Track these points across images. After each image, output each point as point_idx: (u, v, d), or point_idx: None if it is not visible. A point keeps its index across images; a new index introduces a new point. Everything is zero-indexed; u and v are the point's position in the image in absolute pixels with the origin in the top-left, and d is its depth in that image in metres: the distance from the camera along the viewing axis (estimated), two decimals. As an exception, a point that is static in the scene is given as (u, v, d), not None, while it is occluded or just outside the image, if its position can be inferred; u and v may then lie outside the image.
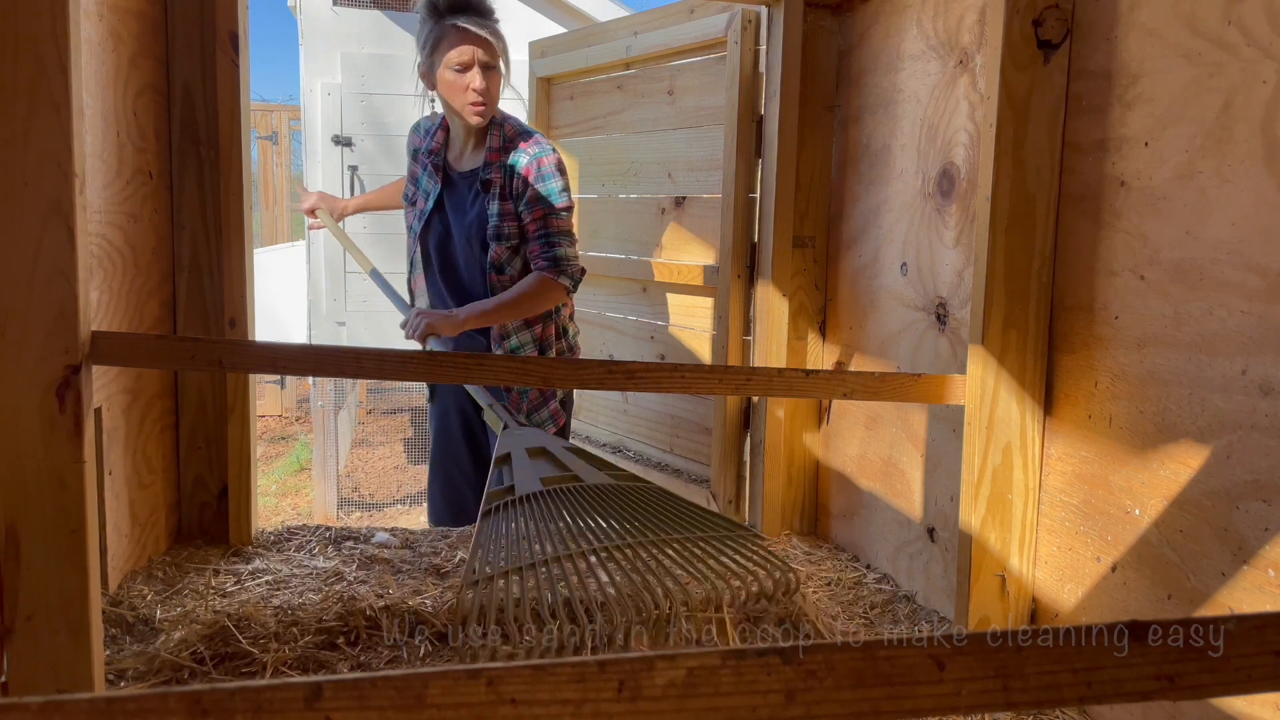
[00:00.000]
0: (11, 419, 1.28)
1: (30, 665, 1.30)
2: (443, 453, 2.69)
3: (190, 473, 2.15)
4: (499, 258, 2.41)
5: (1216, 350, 1.30)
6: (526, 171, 2.37)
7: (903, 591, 2.05)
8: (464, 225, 2.46)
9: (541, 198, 2.38)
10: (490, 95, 2.36)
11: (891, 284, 2.11)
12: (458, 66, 2.34)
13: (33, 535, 1.30)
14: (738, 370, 1.73)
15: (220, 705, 0.61)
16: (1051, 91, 1.59)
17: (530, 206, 2.38)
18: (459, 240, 2.48)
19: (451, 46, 2.33)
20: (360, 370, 1.58)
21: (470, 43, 2.32)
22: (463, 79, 2.35)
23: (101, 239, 1.69)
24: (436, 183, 2.50)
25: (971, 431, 1.69)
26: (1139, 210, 1.44)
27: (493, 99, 2.38)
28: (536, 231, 2.39)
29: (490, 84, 2.35)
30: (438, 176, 2.50)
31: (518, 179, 2.38)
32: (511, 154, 2.40)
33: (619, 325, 3.19)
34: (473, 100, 2.35)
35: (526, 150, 2.40)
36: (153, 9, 1.96)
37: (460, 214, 2.47)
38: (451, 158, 2.51)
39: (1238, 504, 1.27)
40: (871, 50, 2.20)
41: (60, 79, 1.24)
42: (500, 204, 2.39)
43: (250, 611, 1.74)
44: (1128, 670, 0.68)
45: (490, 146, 2.42)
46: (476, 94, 2.34)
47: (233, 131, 2.04)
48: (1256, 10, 1.24)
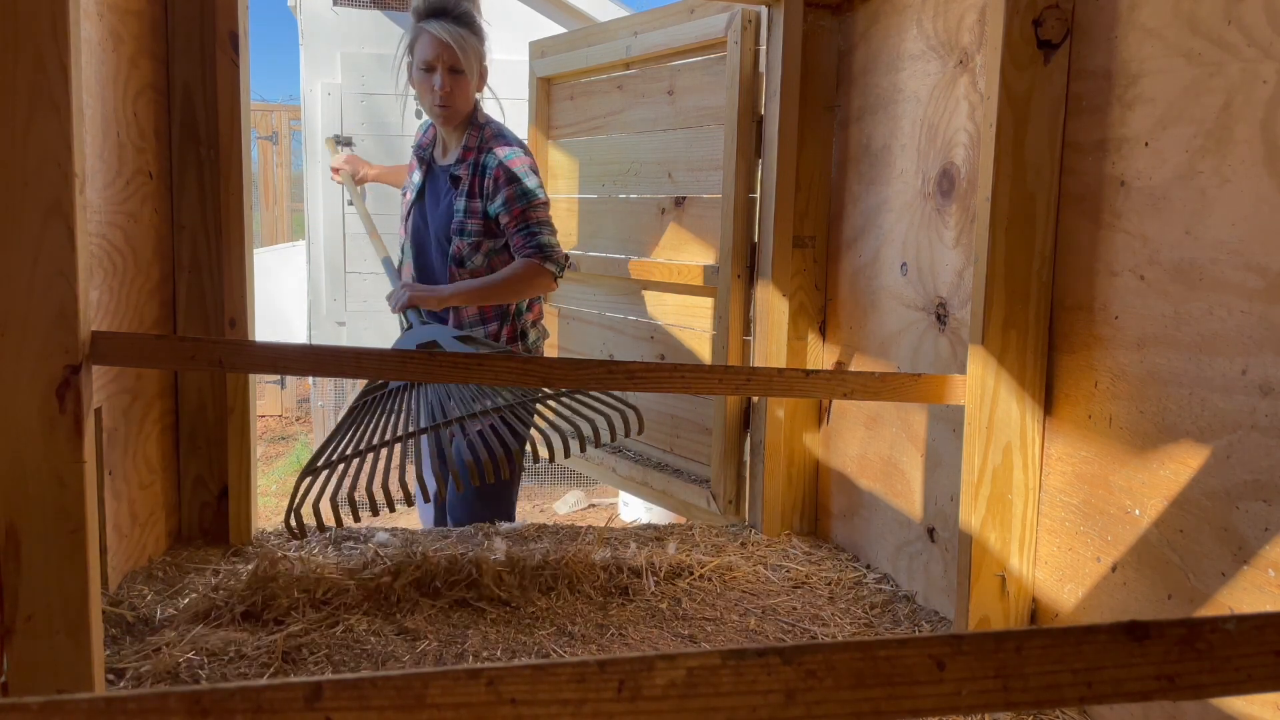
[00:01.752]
0: (11, 419, 1.28)
1: (30, 665, 1.30)
2: None
3: (190, 473, 2.15)
4: (459, 252, 2.51)
5: (1216, 350, 1.30)
6: (497, 172, 2.46)
7: (903, 591, 2.05)
8: (435, 217, 2.58)
9: (518, 194, 2.46)
10: (453, 98, 2.47)
11: (891, 284, 2.11)
12: (424, 67, 2.47)
13: (33, 535, 1.30)
14: (738, 370, 1.73)
15: (220, 705, 0.61)
16: (1051, 91, 1.59)
17: (508, 204, 2.46)
18: (431, 231, 2.59)
19: (422, 48, 2.46)
20: (360, 370, 1.58)
21: (437, 47, 2.44)
22: (429, 80, 2.47)
23: (101, 239, 1.69)
24: (420, 176, 2.64)
25: (971, 431, 1.69)
26: (1139, 210, 1.44)
27: (455, 101, 2.49)
28: (518, 224, 2.46)
29: (455, 87, 2.47)
30: (422, 170, 2.64)
31: (488, 179, 2.48)
32: (484, 154, 2.50)
33: (619, 325, 3.18)
34: (437, 101, 2.48)
35: (497, 152, 2.49)
36: (153, 9, 1.96)
37: (434, 207, 2.59)
38: (436, 153, 2.65)
39: (1238, 504, 1.27)
40: (871, 50, 2.20)
41: (60, 79, 1.24)
42: (467, 201, 2.50)
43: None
44: (1128, 670, 0.68)
45: (466, 145, 2.53)
46: (438, 94, 2.46)
47: (233, 131, 2.04)
48: (1256, 10, 1.24)
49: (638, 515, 4.73)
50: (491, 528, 2.33)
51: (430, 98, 2.47)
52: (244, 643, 1.67)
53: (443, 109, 2.47)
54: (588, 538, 2.25)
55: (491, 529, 2.32)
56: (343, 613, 1.81)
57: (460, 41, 2.43)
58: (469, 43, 2.45)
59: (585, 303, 3.27)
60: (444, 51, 2.43)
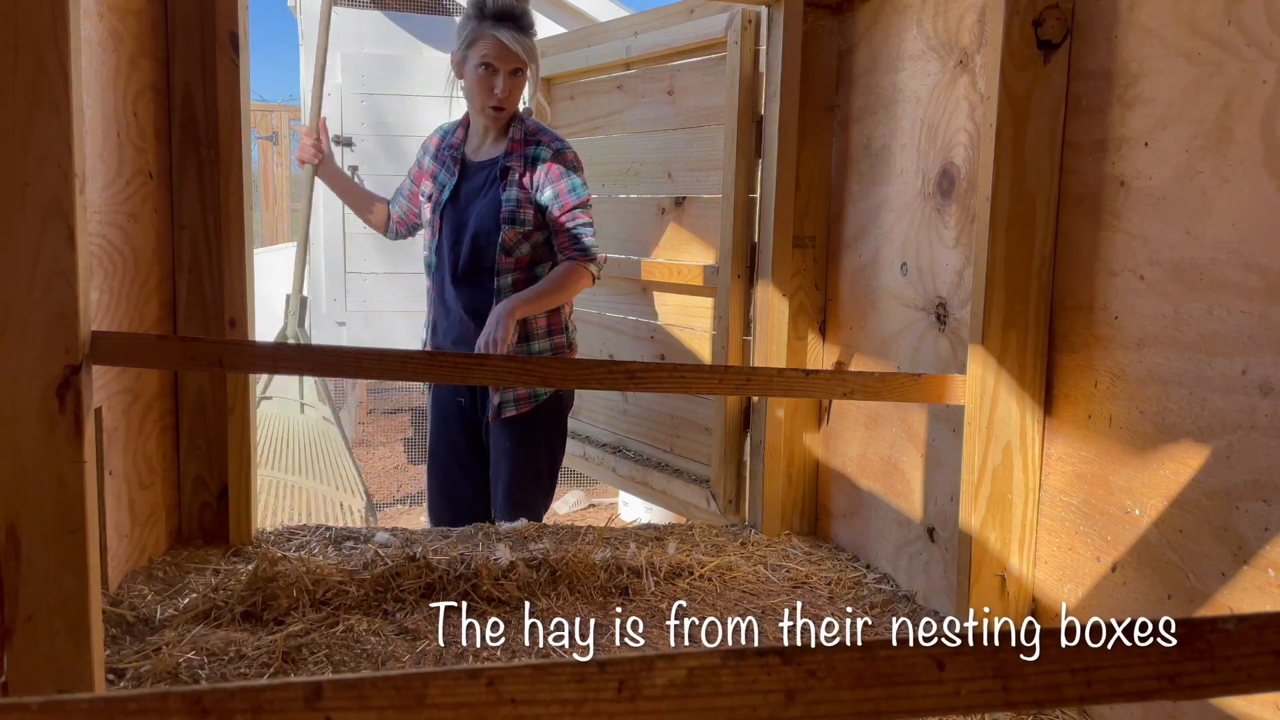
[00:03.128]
0: (11, 419, 1.28)
1: (30, 665, 1.30)
2: (440, 445, 2.75)
3: (190, 473, 2.15)
4: (510, 240, 2.53)
5: (1216, 350, 1.30)
6: (550, 165, 2.53)
7: (903, 591, 2.05)
8: (478, 210, 2.57)
9: (569, 189, 2.54)
10: (509, 101, 2.53)
11: (891, 284, 2.11)
12: (483, 67, 2.49)
13: (33, 535, 1.29)
14: (738, 370, 1.73)
15: (220, 705, 0.61)
16: (1051, 91, 1.59)
17: (558, 198, 2.53)
18: (472, 224, 2.58)
19: (485, 49, 2.48)
20: (360, 370, 1.58)
21: (501, 51, 2.47)
22: (489, 80, 2.50)
23: (101, 239, 1.69)
24: (453, 175, 2.62)
25: (971, 431, 1.69)
26: (1139, 210, 1.44)
27: (511, 104, 2.54)
28: (566, 223, 2.54)
29: (512, 89, 2.52)
30: (454, 168, 2.63)
31: (540, 170, 2.53)
32: (533, 146, 2.55)
33: (619, 325, 3.18)
34: (493, 103, 2.51)
35: (549, 145, 2.55)
36: (153, 9, 1.96)
37: (475, 199, 2.59)
38: (469, 150, 2.65)
39: (1238, 504, 1.27)
40: (871, 50, 2.20)
41: (60, 79, 1.24)
42: (518, 191, 2.53)
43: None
44: (1128, 670, 0.68)
45: (513, 138, 2.57)
46: (497, 97, 2.50)
47: (233, 131, 2.04)
48: (1256, 10, 1.24)
49: (638, 515, 4.73)
50: (491, 528, 2.33)
51: (487, 98, 2.51)
52: (244, 643, 1.67)
53: (497, 111, 2.52)
54: (588, 538, 2.25)
55: (492, 529, 2.32)
56: (343, 613, 1.81)
57: (526, 49, 2.49)
58: (532, 50, 2.52)
59: (585, 302, 3.27)
60: (510, 56, 2.47)
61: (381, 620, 1.80)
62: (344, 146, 5.77)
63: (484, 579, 1.92)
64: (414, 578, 1.91)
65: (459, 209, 2.59)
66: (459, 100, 2.66)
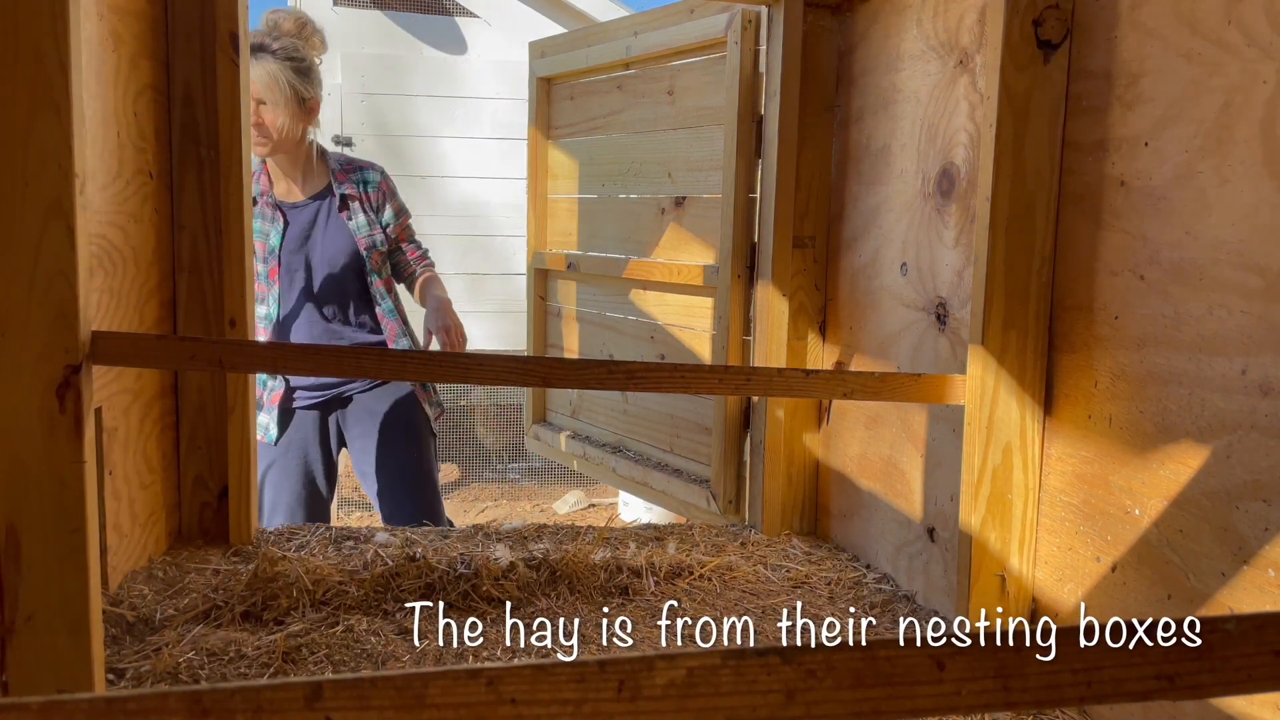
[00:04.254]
0: (11, 419, 1.28)
1: (30, 665, 1.30)
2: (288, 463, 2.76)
3: (190, 473, 2.15)
4: (377, 263, 2.71)
5: (1216, 350, 1.30)
6: (382, 185, 2.73)
7: (903, 591, 2.05)
8: (322, 246, 2.64)
9: (401, 209, 2.79)
10: (263, 129, 2.53)
11: (891, 284, 2.11)
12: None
13: (33, 535, 1.30)
14: (738, 370, 1.73)
15: (220, 705, 0.61)
16: (1051, 91, 1.59)
17: (396, 216, 2.76)
18: (323, 260, 2.65)
19: None
20: (360, 370, 1.58)
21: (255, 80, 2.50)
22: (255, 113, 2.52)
23: (102, 239, 1.69)
24: (277, 223, 2.63)
25: (971, 431, 1.69)
26: (1139, 210, 1.44)
27: (268, 133, 2.53)
28: (406, 236, 2.81)
29: (264, 118, 2.52)
30: (274, 214, 2.64)
31: (374, 193, 2.72)
32: (358, 172, 2.72)
33: (619, 325, 3.18)
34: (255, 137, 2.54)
35: (372, 169, 2.74)
36: (153, 9, 1.96)
37: (308, 240, 2.65)
38: (280, 193, 2.66)
39: (1238, 504, 1.27)
40: (871, 50, 2.20)
41: (60, 79, 1.24)
42: (365, 215, 2.69)
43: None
44: (1128, 670, 0.68)
45: (333, 170, 2.68)
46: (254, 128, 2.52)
47: (233, 131, 2.04)
48: (1256, 10, 1.24)
49: (638, 515, 4.73)
50: (492, 528, 2.33)
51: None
52: (244, 643, 1.67)
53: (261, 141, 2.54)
54: (588, 538, 2.25)
55: (492, 529, 2.32)
56: (343, 613, 1.81)
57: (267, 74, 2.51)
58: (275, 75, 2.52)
59: (585, 303, 3.27)
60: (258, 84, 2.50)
61: (381, 620, 1.80)
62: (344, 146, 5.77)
63: (484, 579, 1.92)
64: (414, 578, 1.91)
65: (293, 254, 2.63)
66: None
